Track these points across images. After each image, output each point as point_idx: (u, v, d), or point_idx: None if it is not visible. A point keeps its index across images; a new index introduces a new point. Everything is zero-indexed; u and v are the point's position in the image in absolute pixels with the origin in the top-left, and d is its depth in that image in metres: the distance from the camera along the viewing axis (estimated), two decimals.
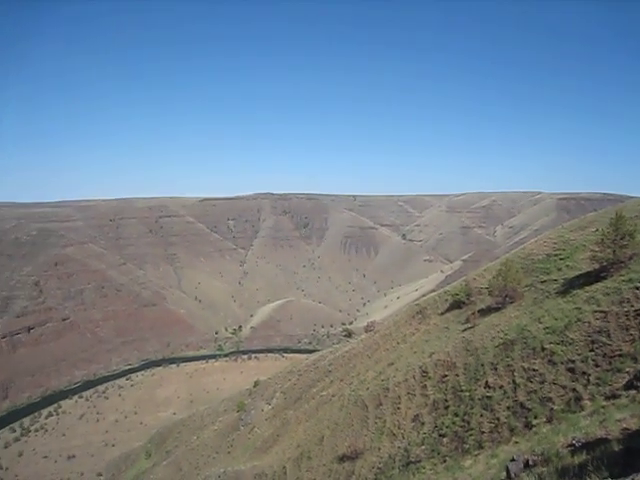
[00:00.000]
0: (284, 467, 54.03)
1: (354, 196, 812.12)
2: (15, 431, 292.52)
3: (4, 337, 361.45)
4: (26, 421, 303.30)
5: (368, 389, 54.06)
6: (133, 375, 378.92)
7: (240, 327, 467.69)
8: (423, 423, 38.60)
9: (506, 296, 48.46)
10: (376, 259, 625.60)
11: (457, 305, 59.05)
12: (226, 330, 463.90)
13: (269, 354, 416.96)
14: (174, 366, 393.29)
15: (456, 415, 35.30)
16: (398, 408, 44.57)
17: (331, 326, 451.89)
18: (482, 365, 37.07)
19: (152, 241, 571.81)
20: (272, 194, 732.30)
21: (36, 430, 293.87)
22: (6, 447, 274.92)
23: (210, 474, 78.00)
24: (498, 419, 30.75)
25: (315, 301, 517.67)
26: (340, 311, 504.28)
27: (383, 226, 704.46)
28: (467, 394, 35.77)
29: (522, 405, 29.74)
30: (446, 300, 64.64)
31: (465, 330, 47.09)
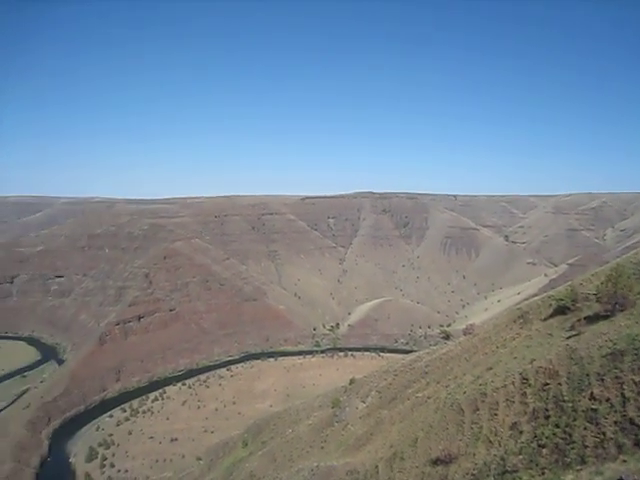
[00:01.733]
0: (376, 466, 53.60)
1: (455, 196, 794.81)
2: (125, 411, 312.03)
3: (118, 324, 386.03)
4: (135, 403, 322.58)
5: (465, 393, 52.62)
6: (233, 366, 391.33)
7: (338, 324, 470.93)
8: (521, 432, 37.03)
9: (616, 303, 45.39)
10: (477, 261, 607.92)
11: (561, 311, 56.10)
12: (324, 327, 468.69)
13: (365, 352, 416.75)
14: (272, 360, 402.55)
15: (557, 426, 33.51)
16: (495, 414, 43.02)
17: (429, 327, 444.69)
18: (587, 375, 34.97)
19: (254, 238, 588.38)
20: (372, 193, 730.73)
21: (143, 412, 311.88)
22: (118, 425, 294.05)
23: (303, 467, 78.90)
24: (604, 434, 28.84)
25: (413, 301, 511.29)
26: (438, 312, 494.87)
27: (485, 227, 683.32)
28: (570, 405, 33.89)
29: (631, 421, 27.71)
30: (550, 305, 61.56)
31: (570, 337, 44.63)
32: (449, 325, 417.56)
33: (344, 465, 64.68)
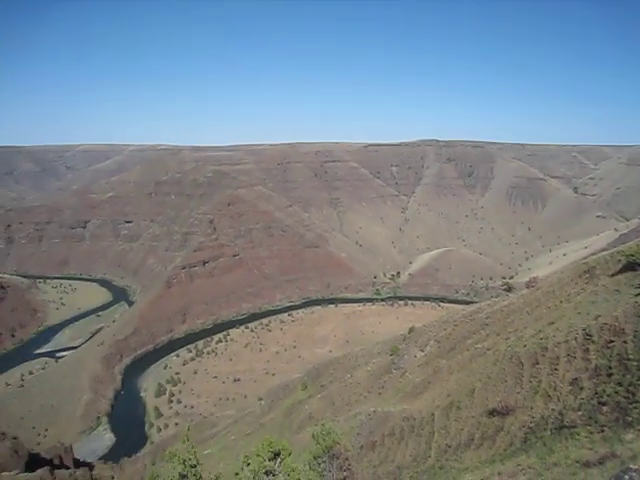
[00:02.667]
0: (432, 414, 53.08)
1: (523, 145, 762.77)
2: (191, 352, 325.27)
3: (184, 268, 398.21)
4: (200, 344, 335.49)
5: (525, 346, 50.95)
6: (294, 312, 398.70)
7: (398, 273, 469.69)
8: (582, 388, 35.44)
9: None
10: (543, 212, 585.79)
11: (631, 267, 52.83)
12: (384, 275, 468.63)
13: (425, 302, 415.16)
14: (332, 306, 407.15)
15: (620, 384, 31.67)
16: (556, 369, 41.40)
17: (490, 279, 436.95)
18: None
19: (317, 185, 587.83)
20: (437, 141, 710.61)
21: (208, 353, 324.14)
22: (184, 364, 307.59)
23: (361, 411, 79.49)
24: None
25: (476, 252, 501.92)
26: (501, 264, 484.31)
27: (553, 178, 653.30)
28: (635, 364, 31.90)
29: None
30: (619, 261, 58.12)
31: (638, 295, 42.12)
32: (511, 277, 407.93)
33: (401, 411, 64.54)
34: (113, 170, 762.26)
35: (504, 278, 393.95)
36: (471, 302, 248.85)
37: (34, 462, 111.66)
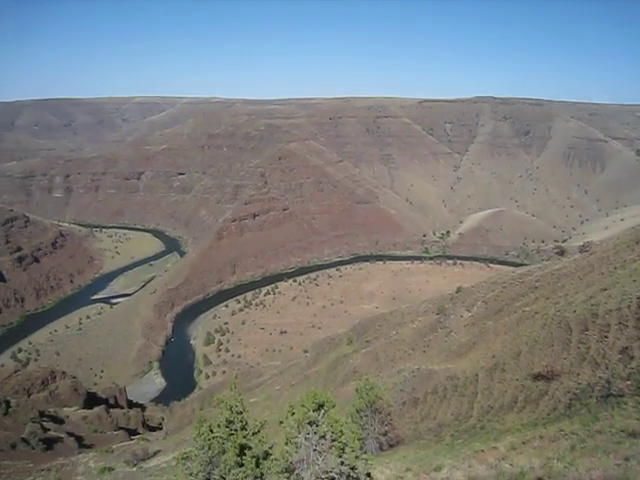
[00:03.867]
0: (476, 374, 53.08)
1: (583, 103, 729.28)
2: (240, 303, 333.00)
3: (234, 221, 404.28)
4: (248, 296, 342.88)
5: (575, 312, 50.01)
6: (342, 267, 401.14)
7: (448, 232, 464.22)
8: (632, 357, 34.69)
9: None
10: (602, 175, 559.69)
11: None
12: (434, 234, 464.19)
13: (474, 262, 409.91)
14: (380, 263, 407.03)
15: None
16: (605, 337, 40.58)
17: (542, 241, 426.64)
18: None
19: (368, 140, 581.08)
20: (493, 98, 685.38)
21: (256, 305, 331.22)
22: (232, 315, 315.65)
23: (404, 368, 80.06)
24: None
25: (528, 214, 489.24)
26: (554, 227, 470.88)
27: (614, 139, 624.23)
28: None
29: None
30: None
31: None
32: (564, 241, 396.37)
33: (445, 370, 64.80)
34: (167, 122, 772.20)
35: (557, 241, 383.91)
36: (521, 264, 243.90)
37: (91, 400, 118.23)
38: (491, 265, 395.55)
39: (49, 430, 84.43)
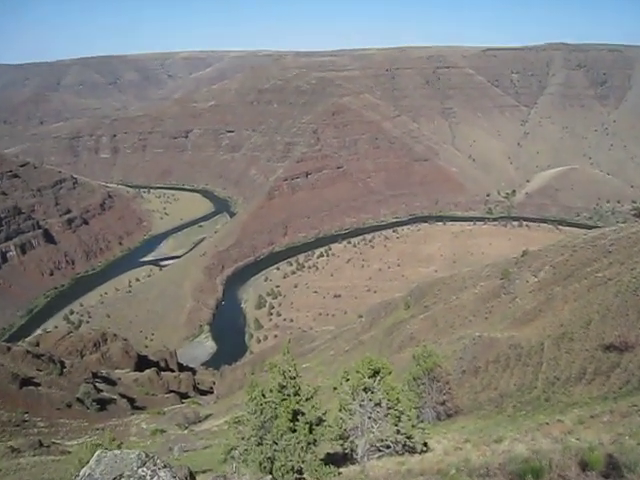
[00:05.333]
0: (542, 343, 52.43)
1: None
2: (292, 265, 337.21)
3: (285, 180, 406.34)
4: (301, 258, 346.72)
5: None
6: (399, 228, 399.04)
7: (513, 192, 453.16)
8: None
9: None
10: None
11: None
12: (498, 193, 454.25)
13: (542, 224, 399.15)
14: (440, 224, 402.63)
15: None
16: None
17: (618, 202, 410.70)
18: None
19: (428, 93, 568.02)
20: (565, 44, 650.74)
21: (309, 267, 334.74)
22: (284, 278, 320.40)
23: (465, 335, 79.80)
24: None
25: (603, 172, 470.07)
26: (632, 186, 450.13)
27: None
28: None
29: None
30: None
31: None
32: None
33: (508, 338, 64.32)
34: (214, 78, 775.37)
35: (634, 202, 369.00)
36: (594, 227, 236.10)
37: (142, 363, 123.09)
38: (560, 227, 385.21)
39: (102, 391, 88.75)
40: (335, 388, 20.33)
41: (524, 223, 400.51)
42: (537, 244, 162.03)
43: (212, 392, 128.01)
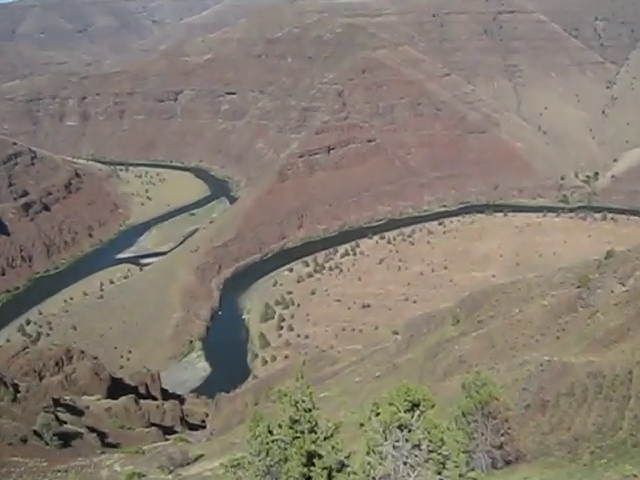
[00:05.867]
0: (630, 372, 52.03)
1: None
2: (308, 266, 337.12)
3: (302, 157, 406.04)
4: (320, 257, 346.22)
5: None
6: (447, 220, 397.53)
7: (596, 174, 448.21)
8: None
9: None
10: None
11: None
12: (576, 176, 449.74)
13: (632, 217, 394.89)
14: (500, 215, 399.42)
15: None
16: None
17: None
18: None
19: (486, 46, 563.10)
20: None
21: (330, 269, 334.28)
22: (299, 282, 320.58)
23: (530, 360, 79.45)
24: None
25: None
26: None
27: None
28: None
29: None
30: None
31: None
32: None
33: (585, 364, 64.04)
34: (211, 24, 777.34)
35: None
36: None
37: (117, 388, 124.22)
38: None
39: (65, 423, 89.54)
40: (362, 424, 20.39)
41: (609, 215, 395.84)
42: (626, 243, 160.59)
43: (204, 427, 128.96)
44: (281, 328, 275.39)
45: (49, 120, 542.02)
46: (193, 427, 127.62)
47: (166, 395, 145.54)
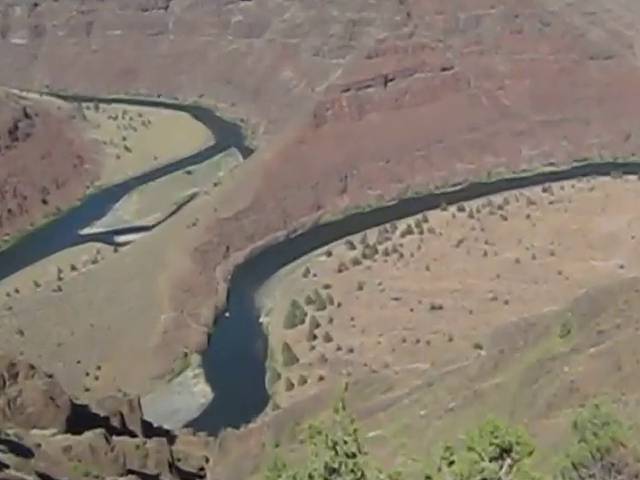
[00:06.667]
0: None
1: None
2: (354, 248, 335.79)
3: (346, 90, 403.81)
4: (371, 236, 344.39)
5: None
6: (555, 185, 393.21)
7: None
8: None
9: None
10: None
11: None
12: None
13: None
14: (633, 179, 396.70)
15: None
16: None
17: None
18: None
19: None
20: None
21: (386, 253, 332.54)
22: (340, 271, 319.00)
23: None
24: None
25: None
26: None
27: None
28: None
29: None
30: None
31: None
32: None
33: None
34: None
35: None
36: None
37: (80, 418, 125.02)
38: None
39: (7, 467, 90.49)
40: (429, 478, 20.36)
41: None
42: None
43: (203, 476, 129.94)
44: (314, 337, 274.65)
45: None
46: (187, 476, 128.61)
47: (150, 430, 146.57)
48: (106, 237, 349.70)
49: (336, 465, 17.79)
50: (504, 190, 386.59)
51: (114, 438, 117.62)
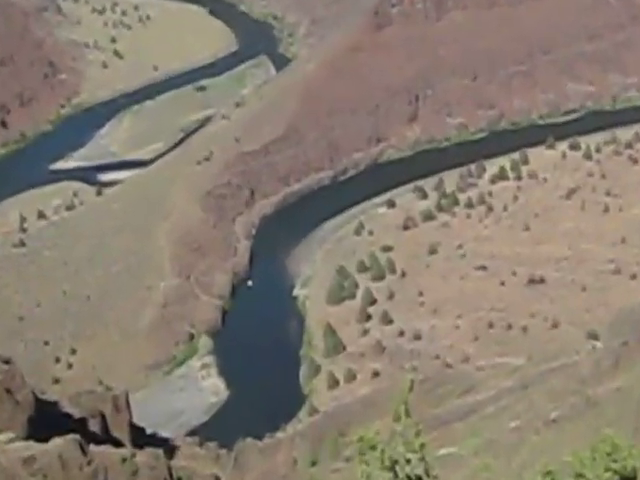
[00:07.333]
0: None
1: None
2: (426, 197, 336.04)
3: None
4: (450, 180, 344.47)
5: None
6: None
7: None
8: None
9: None
10: None
11: None
12: None
13: None
14: None
15: None
16: None
17: None
18: None
19: None
20: None
21: (469, 205, 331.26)
22: (406, 229, 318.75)
23: None
24: None
25: None
26: None
27: None
28: None
29: None
30: None
31: None
32: None
33: None
34: None
35: None
36: None
37: (48, 419, 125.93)
38: None
39: None
40: None
41: None
42: None
43: None
44: (368, 318, 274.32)
45: None
46: None
47: (141, 438, 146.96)
48: (86, 174, 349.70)
49: None
50: (635, 122, 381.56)
51: (92, 447, 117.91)
